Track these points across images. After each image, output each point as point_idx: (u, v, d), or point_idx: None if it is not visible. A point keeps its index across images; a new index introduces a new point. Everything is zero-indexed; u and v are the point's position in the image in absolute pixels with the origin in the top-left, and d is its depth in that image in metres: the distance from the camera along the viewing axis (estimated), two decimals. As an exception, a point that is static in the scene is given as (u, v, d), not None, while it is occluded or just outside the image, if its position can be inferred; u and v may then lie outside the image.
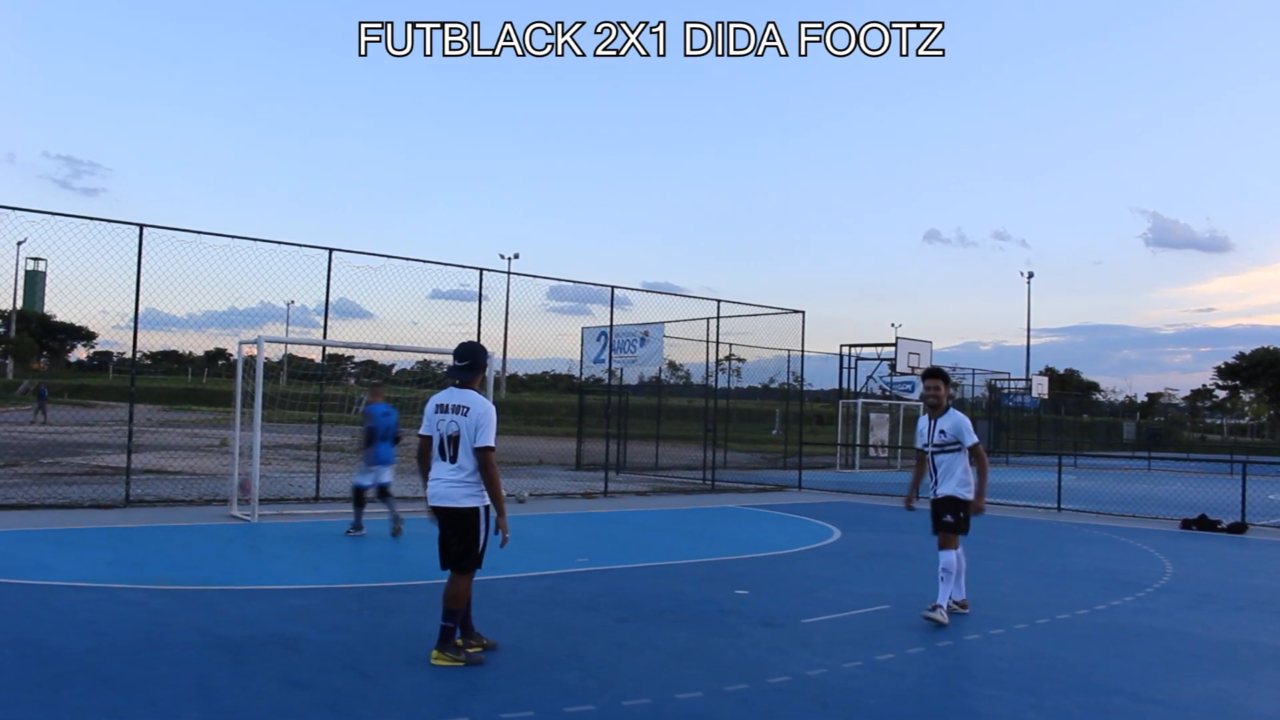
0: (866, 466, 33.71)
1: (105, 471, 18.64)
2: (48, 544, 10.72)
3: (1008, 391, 48.38)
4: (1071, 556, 12.70)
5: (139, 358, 17.07)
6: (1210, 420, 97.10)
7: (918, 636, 7.58)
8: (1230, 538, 15.79)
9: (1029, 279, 66.43)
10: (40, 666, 5.87)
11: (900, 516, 17.31)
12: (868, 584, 10.04)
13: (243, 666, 6.06)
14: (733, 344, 28.17)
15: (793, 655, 6.86)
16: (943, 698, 5.94)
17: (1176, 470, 32.31)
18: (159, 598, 8.07)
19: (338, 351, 23.51)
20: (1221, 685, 6.49)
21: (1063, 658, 7.07)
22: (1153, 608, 9.22)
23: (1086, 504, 20.08)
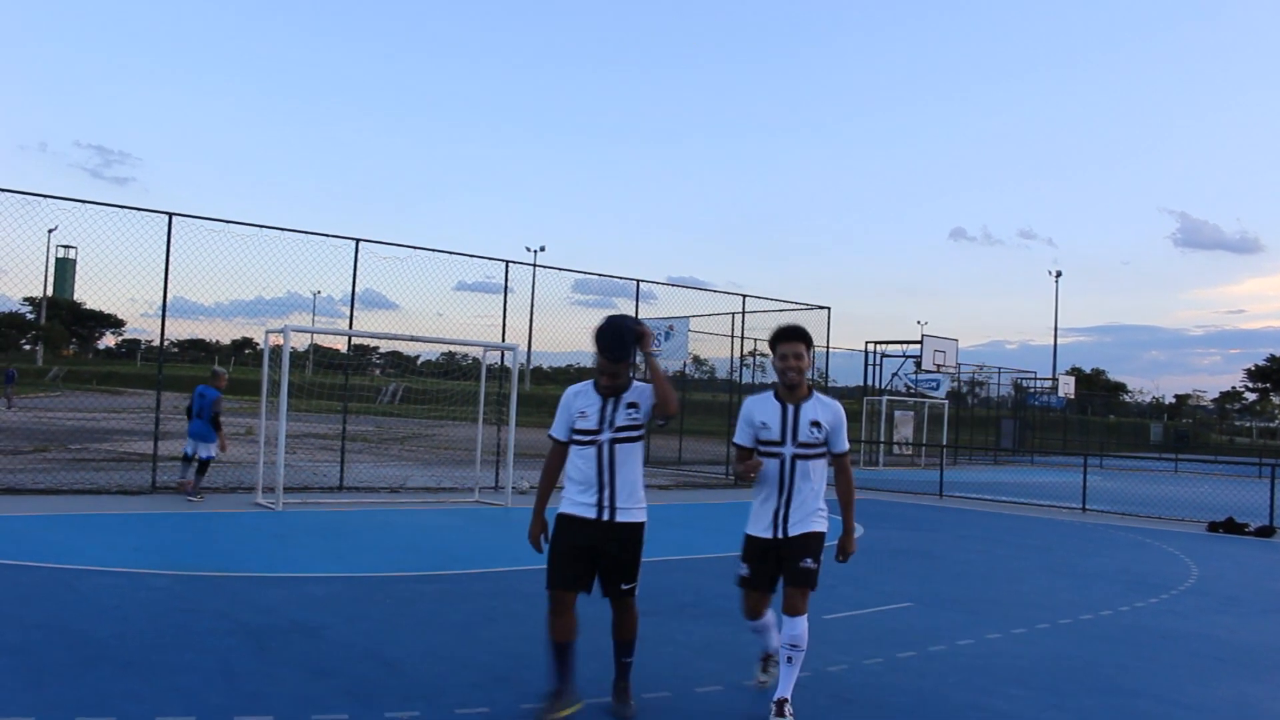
0: (890, 464, 33.58)
1: (132, 458, 18.81)
2: (75, 529, 10.83)
3: (1034, 391, 48.07)
4: (1096, 557, 12.61)
5: (166, 345, 17.19)
6: (1239, 423, 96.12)
7: (940, 634, 7.54)
8: (1258, 541, 15.65)
9: (1057, 278, 66.05)
10: (66, 650, 5.93)
11: (923, 514, 17.25)
12: (890, 581, 10.01)
13: (265, 653, 6.10)
14: (757, 339, 28.11)
15: (813, 651, 6.82)
16: (964, 696, 5.91)
17: (1204, 473, 32.02)
18: (184, 584, 8.14)
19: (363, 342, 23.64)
20: (1247, 689, 6.43)
21: (1086, 658, 7.02)
22: (1178, 610, 9.14)
23: (1112, 505, 19.94)
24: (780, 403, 5.23)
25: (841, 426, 5.24)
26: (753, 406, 5.28)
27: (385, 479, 18.10)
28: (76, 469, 16.63)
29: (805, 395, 5.25)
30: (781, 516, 5.22)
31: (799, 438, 5.16)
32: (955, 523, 16.12)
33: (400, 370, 43.22)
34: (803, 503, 5.21)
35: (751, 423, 5.24)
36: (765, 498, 5.25)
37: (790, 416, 5.18)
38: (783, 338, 5.22)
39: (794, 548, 5.19)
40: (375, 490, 16.53)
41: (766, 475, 5.20)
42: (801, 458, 5.16)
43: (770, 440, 5.19)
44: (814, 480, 5.22)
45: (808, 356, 5.24)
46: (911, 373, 35.86)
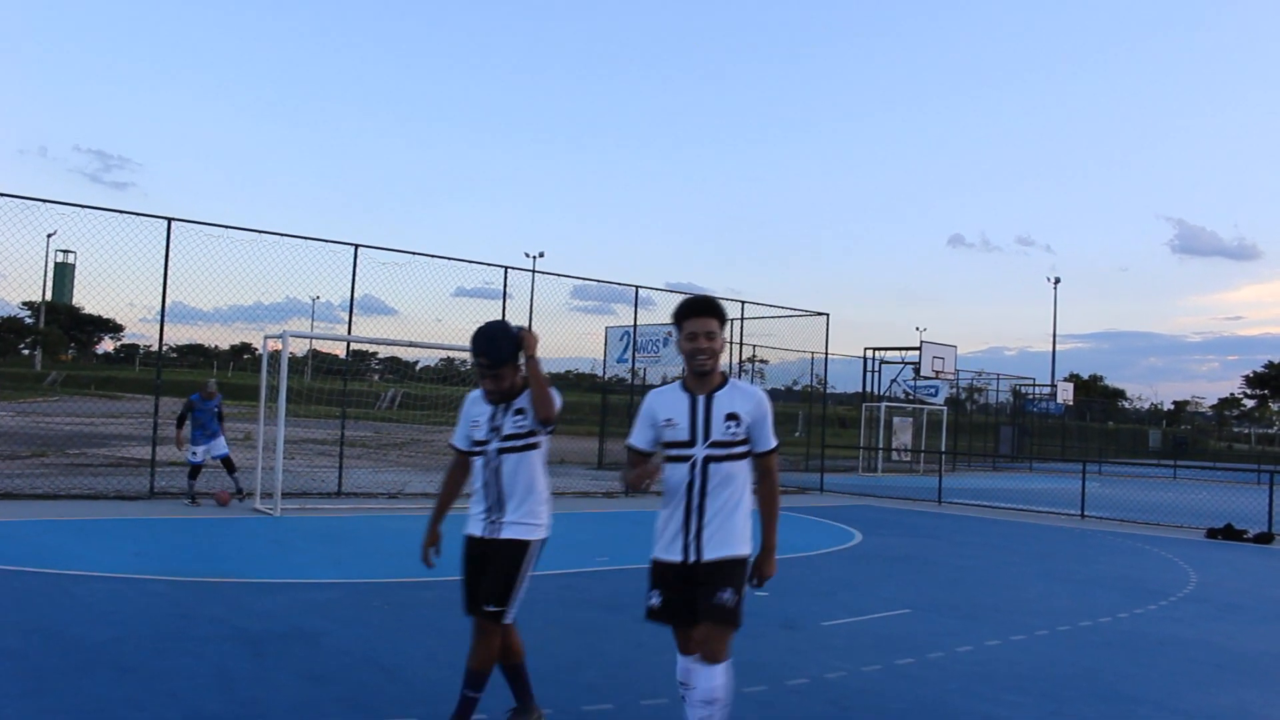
0: (889, 470, 33.57)
1: (130, 463, 18.79)
2: (72, 534, 10.82)
3: (1032, 397, 48.07)
4: (1095, 564, 12.60)
5: (165, 351, 17.21)
6: (1238, 429, 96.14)
7: (938, 641, 7.53)
8: (1256, 548, 15.64)
9: (1055, 284, 66.01)
10: (63, 655, 5.92)
11: (922, 520, 17.25)
12: (888, 588, 10.00)
13: (263, 659, 6.09)
14: (756, 345, 28.14)
15: (812, 658, 6.84)
16: (963, 703, 5.90)
17: (1202, 479, 32.03)
18: (181, 589, 8.13)
19: (362, 347, 23.65)
20: (1246, 696, 6.42)
21: (1085, 665, 7.01)
22: (1177, 617, 9.13)
23: (1111, 511, 19.93)
24: (689, 394, 4.27)
25: (765, 419, 4.28)
26: (655, 401, 4.34)
27: (384, 484, 18.09)
28: (74, 474, 16.61)
29: (719, 384, 4.28)
30: (694, 534, 4.21)
31: (712, 435, 4.19)
32: (954, 529, 16.11)
33: (399, 376, 43.17)
34: (721, 517, 4.21)
35: (653, 420, 4.30)
36: (673, 511, 4.25)
37: (701, 410, 4.22)
38: (688, 312, 4.27)
39: (709, 576, 4.18)
40: (374, 496, 16.52)
41: (674, 484, 4.24)
42: (717, 460, 4.20)
43: (678, 441, 4.22)
44: (734, 488, 4.25)
45: (721, 336, 4.29)
46: (910, 379, 35.86)
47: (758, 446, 4.29)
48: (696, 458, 4.20)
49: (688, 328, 4.25)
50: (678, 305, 4.33)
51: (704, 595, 4.16)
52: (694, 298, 4.33)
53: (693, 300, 4.33)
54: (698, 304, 4.30)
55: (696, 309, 4.27)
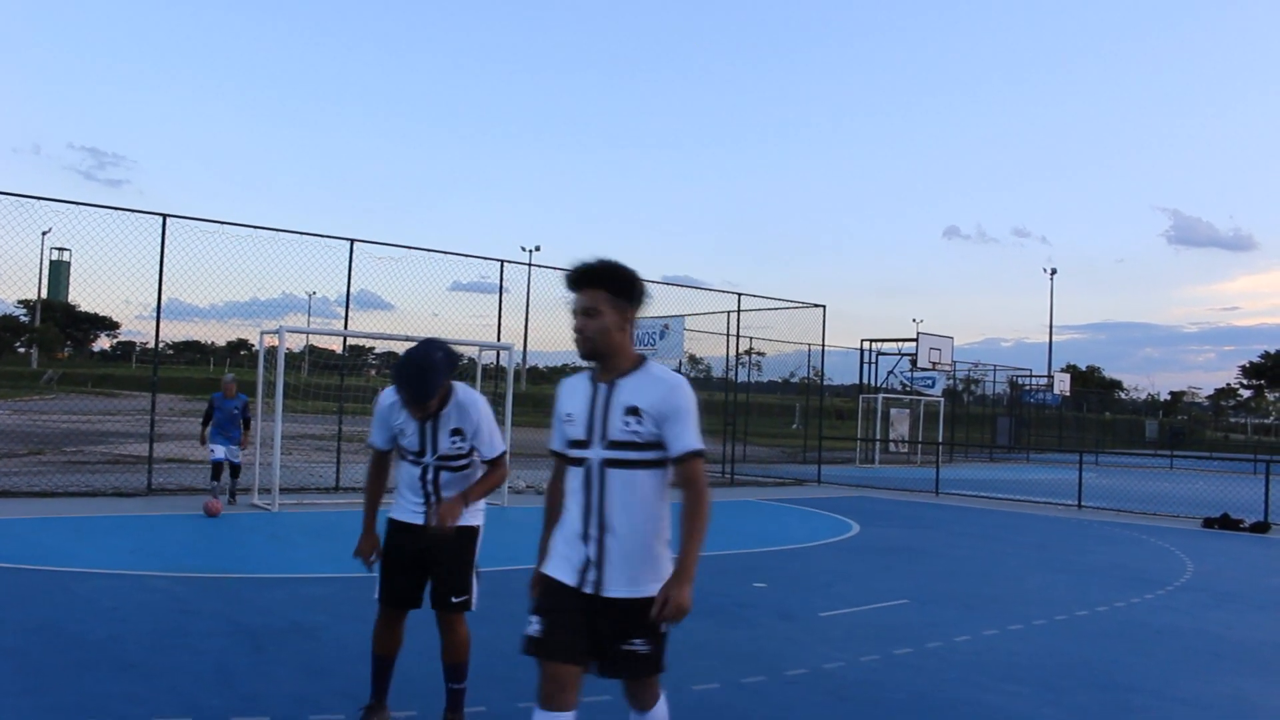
0: (886, 462, 33.61)
1: (128, 460, 18.78)
2: (71, 531, 10.82)
3: (1029, 388, 48.11)
4: (1092, 554, 12.63)
5: (161, 348, 17.19)
6: (1234, 419, 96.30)
7: (935, 631, 7.55)
8: (1253, 537, 15.68)
9: (1052, 275, 66.00)
10: (63, 652, 5.93)
11: (919, 511, 17.27)
12: (886, 579, 10.02)
13: (263, 654, 6.10)
14: (753, 338, 28.15)
15: (810, 648, 6.86)
16: (961, 693, 5.92)
17: (1199, 469, 32.08)
18: (180, 585, 8.14)
19: (359, 342, 23.64)
20: (1242, 684, 6.45)
21: (1082, 655, 7.03)
22: (1173, 606, 9.16)
23: (1108, 501, 19.97)
24: (592, 383, 3.46)
25: (679, 414, 3.36)
26: (561, 390, 3.58)
27: (381, 480, 18.05)
28: (72, 471, 16.61)
29: (626, 368, 3.42)
30: (593, 559, 3.33)
31: (610, 433, 3.33)
32: (951, 520, 16.14)
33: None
34: (627, 541, 3.32)
35: (558, 414, 3.55)
36: (571, 525, 3.42)
37: (600, 401, 3.38)
38: (568, 284, 3.47)
39: (613, 619, 3.34)
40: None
41: (570, 493, 3.44)
42: (616, 464, 3.33)
43: (573, 440, 3.44)
44: (643, 502, 3.34)
45: (613, 311, 3.40)
46: (907, 371, 35.90)
47: (671, 448, 3.35)
48: (592, 461, 3.36)
49: (571, 300, 3.45)
50: (577, 270, 3.47)
51: (610, 644, 3.35)
52: (576, 266, 3.43)
53: (573, 269, 3.44)
54: (575, 274, 3.42)
55: (574, 280, 3.42)
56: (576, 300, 3.42)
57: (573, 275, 3.43)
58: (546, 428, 4.65)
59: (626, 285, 3.42)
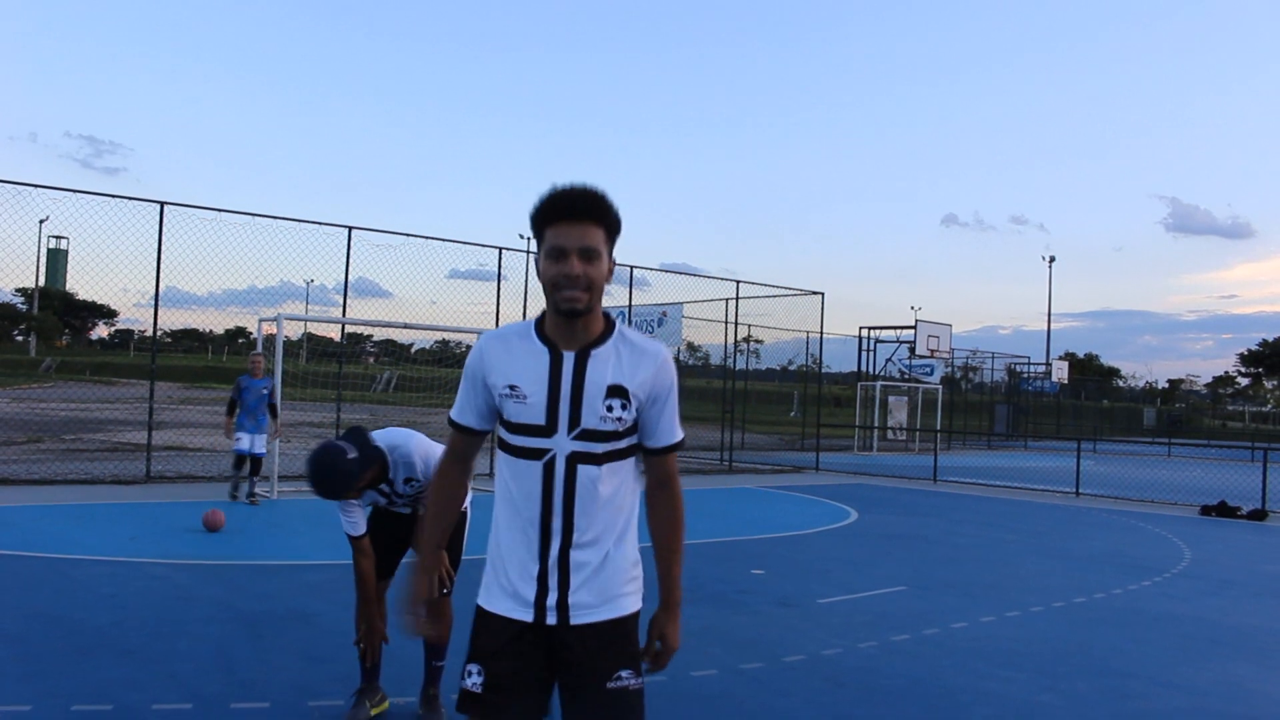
0: (885, 449, 33.65)
1: (126, 448, 18.79)
2: (70, 519, 10.83)
3: (1027, 376, 48.15)
4: (1089, 541, 12.66)
5: (160, 336, 17.19)
6: (1232, 407, 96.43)
7: (933, 618, 7.58)
8: (1250, 524, 15.72)
9: (1050, 263, 65.97)
10: (63, 639, 5.94)
11: (917, 499, 17.30)
12: (884, 565, 10.04)
13: (261, 640, 6.12)
14: (751, 325, 28.17)
15: (808, 635, 6.88)
16: (958, 679, 5.94)
17: (1197, 457, 32.14)
18: (180, 572, 8.15)
19: (357, 330, 23.66)
20: (1238, 670, 6.47)
21: (1079, 641, 7.06)
22: (1170, 593, 9.19)
23: (1105, 489, 20.01)
24: (547, 346, 2.60)
25: (669, 396, 2.66)
26: (490, 350, 2.66)
27: (380, 467, 18.07)
28: (71, 459, 16.61)
29: (599, 335, 2.62)
30: (555, 580, 2.58)
31: (584, 420, 2.55)
32: (949, 507, 16.17)
33: (394, 358, 43.21)
34: (599, 552, 2.60)
35: (482, 381, 2.67)
36: (518, 539, 2.61)
37: (569, 377, 2.57)
38: (555, 212, 2.54)
39: (586, 649, 2.58)
40: (370, 478, 16.51)
41: (519, 494, 2.61)
42: (590, 460, 2.57)
43: (526, 425, 2.58)
44: (619, 504, 2.63)
45: (609, 256, 2.61)
46: (905, 358, 35.91)
47: (652, 439, 2.66)
48: (556, 454, 2.55)
49: (553, 238, 2.53)
50: (538, 202, 2.56)
51: (584, 684, 2.59)
52: (565, 190, 2.55)
53: (562, 195, 2.54)
54: (572, 201, 2.54)
55: (568, 208, 2.53)
56: (568, 234, 2.50)
57: (562, 203, 2.52)
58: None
59: (619, 225, 2.61)
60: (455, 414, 2.76)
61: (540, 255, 2.57)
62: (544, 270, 2.55)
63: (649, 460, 2.71)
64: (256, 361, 13.13)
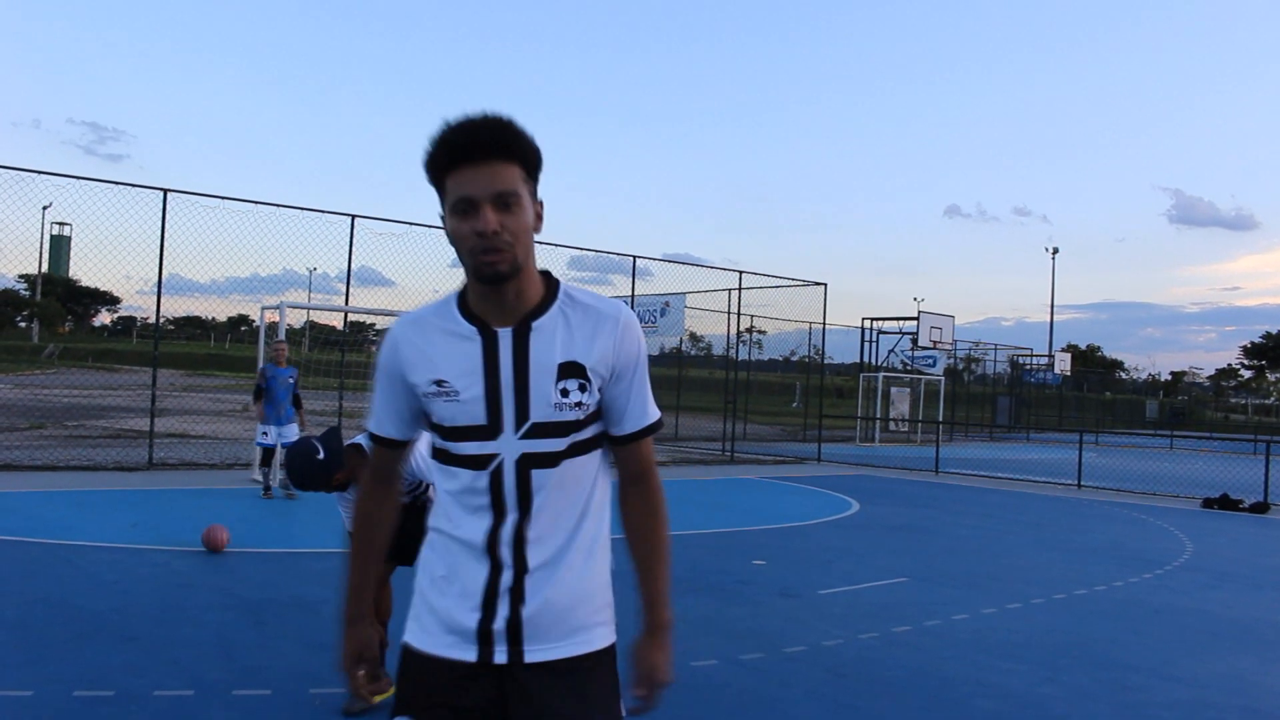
0: (886, 440, 33.64)
1: (129, 435, 18.81)
2: (72, 505, 10.84)
3: (1030, 368, 48.12)
4: (1091, 533, 12.66)
5: (162, 323, 17.19)
6: (1235, 400, 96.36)
7: (934, 609, 7.58)
8: (1252, 517, 15.71)
9: (1054, 255, 65.80)
10: (65, 624, 5.95)
11: (919, 490, 17.30)
12: (885, 557, 10.05)
13: (263, 628, 6.13)
14: (754, 316, 28.13)
15: (809, 625, 6.88)
16: (959, 670, 5.94)
17: (1199, 449, 32.12)
18: (181, 559, 8.16)
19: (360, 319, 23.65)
20: (1240, 663, 6.47)
21: (1080, 633, 7.06)
22: (1172, 585, 9.19)
23: (1107, 481, 20.00)
24: (476, 325, 2.07)
25: (636, 366, 2.13)
26: (404, 339, 2.13)
27: (382, 455, 18.07)
28: (73, 446, 16.64)
29: (539, 301, 2.10)
30: (504, 610, 2.05)
31: (533, 413, 2.04)
32: (951, 499, 16.17)
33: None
34: (559, 572, 2.08)
35: (407, 380, 2.11)
36: (458, 561, 2.10)
37: (508, 359, 2.04)
38: (454, 155, 1.97)
39: (548, 696, 2.06)
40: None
41: (459, 507, 2.09)
42: (544, 461, 2.05)
43: (463, 428, 2.06)
44: (581, 511, 2.12)
45: (530, 200, 2.06)
46: (908, 349, 35.89)
47: (620, 424, 2.14)
48: (504, 459, 2.02)
49: (456, 188, 1.96)
50: (429, 145, 1.99)
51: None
52: (461, 125, 1.96)
53: (458, 131, 1.96)
54: (471, 137, 1.95)
55: (468, 147, 1.95)
56: (474, 183, 1.93)
57: (464, 140, 1.94)
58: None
59: (538, 157, 2.03)
60: (373, 425, 2.20)
61: (445, 212, 2.01)
62: (453, 230, 1.99)
63: (618, 451, 2.18)
64: (280, 349, 12.83)
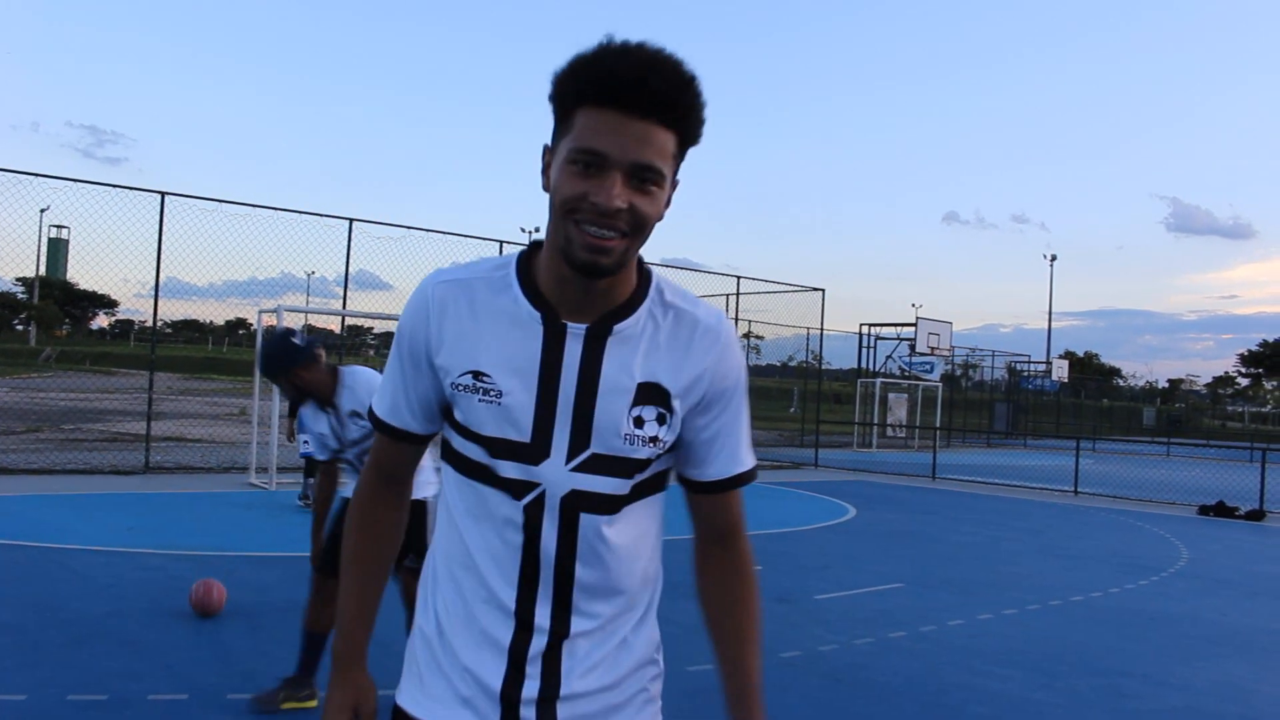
0: (884, 446, 33.64)
1: (125, 438, 18.78)
2: (68, 508, 10.83)
3: (1027, 374, 48.15)
4: (1087, 539, 12.67)
5: (160, 326, 17.18)
6: (1232, 408, 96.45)
7: (930, 615, 7.58)
8: (1248, 524, 15.73)
9: (1052, 262, 65.92)
10: (59, 628, 5.94)
11: (916, 496, 17.31)
12: (882, 562, 10.05)
13: (259, 632, 6.12)
14: (752, 321, 28.14)
15: (805, 631, 6.88)
16: (955, 676, 5.94)
17: (1196, 457, 32.13)
18: (177, 563, 8.15)
19: (357, 322, 23.69)
20: (1234, 670, 6.48)
21: (1075, 639, 7.06)
22: (1167, 592, 9.19)
23: (1104, 488, 20.01)
24: (541, 311, 1.51)
25: (735, 395, 1.71)
26: (444, 304, 1.54)
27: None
28: (70, 449, 16.62)
29: (623, 298, 1.53)
30: (537, 691, 1.57)
31: (594, 441, 1.52)
32: (948, 505, 16.17)
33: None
34: (605, 645, 1.69)
35: (434, 360, 1.55)
36: (471, 621, 1.58)
37: (574, 366, 1.51)
38: (605, 91, 1.34)
39: None
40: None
41: (478, 552, 1.56)
42: (598, 505, 1.57)
43: (497, 440, 1.52)
44: (638, 569, 1.79)
45: (669, 180, 1.45)
46: (906, 355, 35.89)
47: (708, 467, 1.75)
48: (547, 492, 1.54)
49: (589, 133, 1.38)
50: (576, 63, 1.40)
51: None
52: (627, 52, 1.37)
53: (623, 61, 1.36)
54: (638, 76, 1.36)
55: (630, 88, 1.36)
56: (617, 138, 1.37)
57: (628, 76, 1.36)
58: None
59: (700, 130, 1.48)
60: (382, 408, 1.64)
61: (556, 153, 1.44)
62: (559, 182, 1.42)
63: (699, 501, 1.78)
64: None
